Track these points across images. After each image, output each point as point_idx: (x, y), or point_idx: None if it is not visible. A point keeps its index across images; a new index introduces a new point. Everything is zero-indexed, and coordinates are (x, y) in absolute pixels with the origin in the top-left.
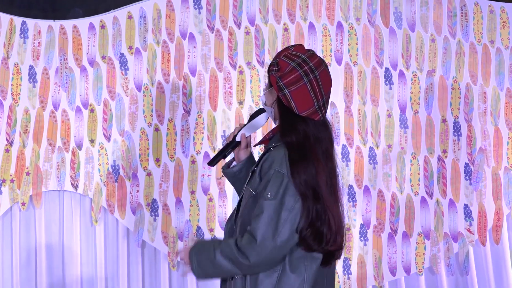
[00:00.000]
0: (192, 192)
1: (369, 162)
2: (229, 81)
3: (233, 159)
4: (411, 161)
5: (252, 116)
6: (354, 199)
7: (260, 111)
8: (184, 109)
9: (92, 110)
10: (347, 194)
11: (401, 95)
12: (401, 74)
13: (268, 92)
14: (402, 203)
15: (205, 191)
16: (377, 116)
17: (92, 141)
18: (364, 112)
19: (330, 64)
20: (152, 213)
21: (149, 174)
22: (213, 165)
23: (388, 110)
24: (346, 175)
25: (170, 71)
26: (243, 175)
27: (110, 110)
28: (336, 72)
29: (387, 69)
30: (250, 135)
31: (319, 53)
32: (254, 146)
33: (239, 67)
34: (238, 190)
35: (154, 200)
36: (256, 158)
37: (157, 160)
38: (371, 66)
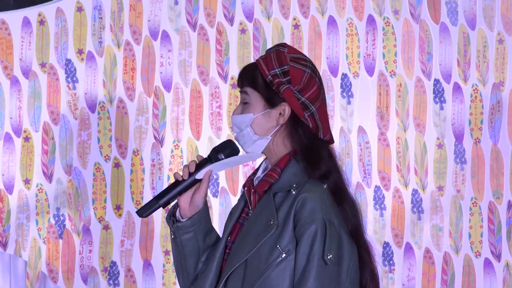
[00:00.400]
0: (167, 252)
1: (412, 210)
2: (218, 97)
3: (175, 207)
4: (470, 209)
5: (222, 148)
6: (391, 262)
7: (229, 144)
8: (155, 137)
9: (27, 139)
10: (381, 255)
11: (456, 117)
12: (457, 88)
13: (265, 115)
14: (458, 268)
15: None
16: (423, 146)
17: (27, 182)
18: (405, 141)
19: (358, 74)
20: (111, 282)
21: (106, 228)
22: (146, 216)
23: (438, 139)
24: (379, 228)
25: (136, 84)
26: (202, 229)
27: (52, 138)
28: (366, 85)
29: (437, 81)
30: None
31: (343, 59)
32: (255, 192)
33: (232, 78)
34: (189, 255)
35: (114, 264)
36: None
37: (118, 207)
38: (415, 77)
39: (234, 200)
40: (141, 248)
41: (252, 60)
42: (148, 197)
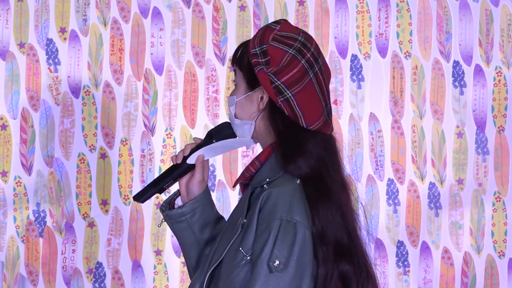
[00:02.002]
0: (158, 252)
1: (429, 206)
2: (215, 81)
3: (176, 194)
4: (493, 204)
5: (216, 132)
6: (406, 263)
7: (224, 127)
8: (145, 125)
9: (3, 127)
10: (395, 255)
11: (478, 103)
12: (478, 70)
13: (247, 98)
14: (480, 269)
15: (177, 249)
16: (441, 135)
17: (3, 174)
18: (421, 129)
19: (369, 55)
20: (96, 285)
21: (91, 225)
22: (143, 201)
23: (458, 127)
24: (393, 226)
25: (124, 67)
26: (197, 219)
27: (32, 126)
28: (378, 68)
29: (456, 63)
30: (208, 159)
31: (352, 39)
32: (233, 186)
33: (230, 60)
34: (188, 246)
35: (100, 265)
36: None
37: (104, 203)
38: (432, 59)
39: (232, 194)
40: (130, 248)
41: None
42: (137, 191)
